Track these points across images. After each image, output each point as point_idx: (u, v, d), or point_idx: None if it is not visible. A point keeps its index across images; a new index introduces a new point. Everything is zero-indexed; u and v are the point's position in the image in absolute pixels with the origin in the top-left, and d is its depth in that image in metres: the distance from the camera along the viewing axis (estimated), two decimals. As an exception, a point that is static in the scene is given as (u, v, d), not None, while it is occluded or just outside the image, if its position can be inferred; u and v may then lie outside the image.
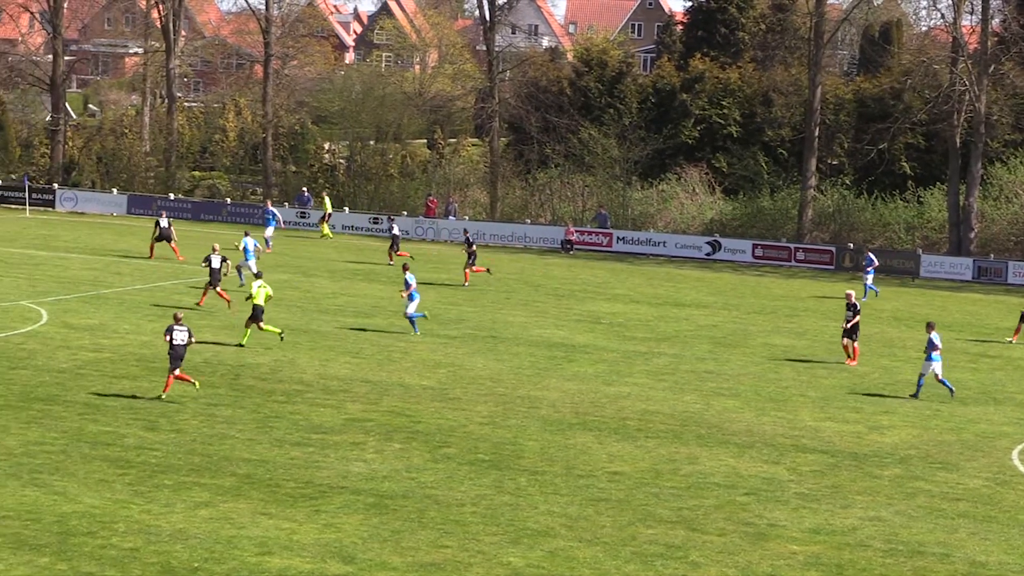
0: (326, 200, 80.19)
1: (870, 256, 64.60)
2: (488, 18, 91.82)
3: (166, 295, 53.51)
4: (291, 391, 38.56)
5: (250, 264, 56.35)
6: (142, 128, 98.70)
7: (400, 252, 67.16)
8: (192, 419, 34.80)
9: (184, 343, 36.48)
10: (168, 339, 36.35)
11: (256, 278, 46.01)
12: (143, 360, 40.68)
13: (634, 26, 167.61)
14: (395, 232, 69.19)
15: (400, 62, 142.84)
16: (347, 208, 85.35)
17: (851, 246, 73.57)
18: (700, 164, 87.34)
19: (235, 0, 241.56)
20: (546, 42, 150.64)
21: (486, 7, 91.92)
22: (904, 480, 32.27)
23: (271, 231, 70.87)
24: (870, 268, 63.97)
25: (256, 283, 45.29)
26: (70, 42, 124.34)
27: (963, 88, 78.18)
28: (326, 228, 78.73)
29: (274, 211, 73.15)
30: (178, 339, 36.32)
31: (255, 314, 44.60)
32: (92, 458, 30.84)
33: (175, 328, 36.48)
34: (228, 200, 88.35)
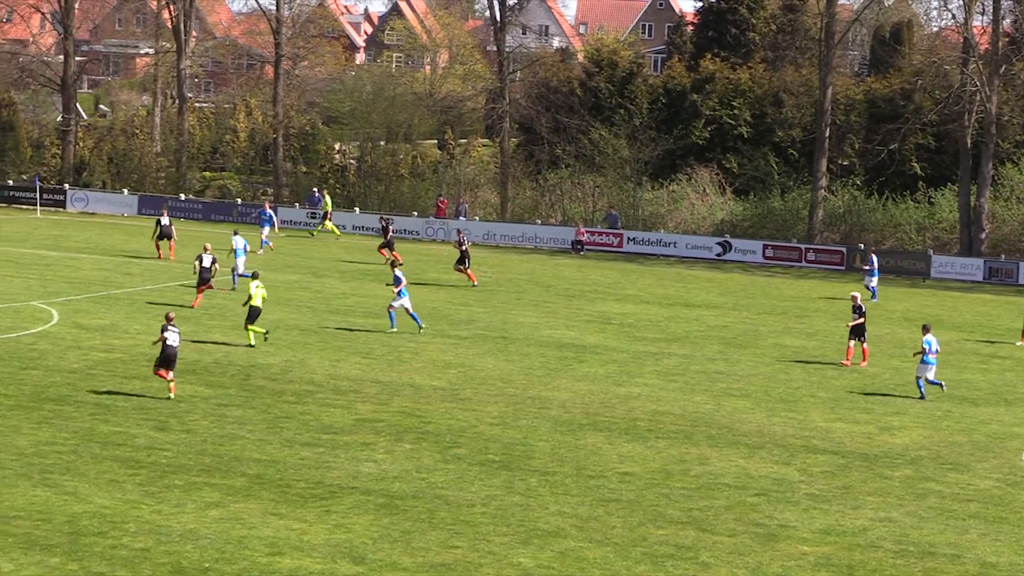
0: (326, 198, 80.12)
1: (872, 258, 64.34)
2: (499, 19, 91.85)
3: (177, 295, 53.56)
4: (301, 391, 38.59)
5: (239, 263, 56.42)
6: (153, 129, 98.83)
7: (384, 251, 67.24)
8: (203, 419, 34.84)
9: (177, 344, 36.76)
10: (162, 339, 36.57)
11: (253, 279, 45.76)
12: (154, 360, 40.69)
13: (645, 27, 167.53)
14: (389, 234, 69.17)
15: (411, 63, 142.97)
16: (357, 208, 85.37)
17: (862, 246, 73.38)
18: (710, 165, 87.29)
19: (246, 1, 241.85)
20: (557, 43, 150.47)
21: (497, 8, 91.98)
22: (915, 481, 32.23)
23: (265, 231, 70.60)
24: (872, 270, 63.70)
25: (253, 284, 45.12)
26: (81, 43, 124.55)
27: (974, 89, 78.10)
28: (331, 226, 78.71)
29: (271, 212, 73.03)
30: (171, 340, 36.54)
31: (252, 315, 44.57)
32: (103, 458, 30.88)
33: (168, 328, 36.66)
34: (239, 200, 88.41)
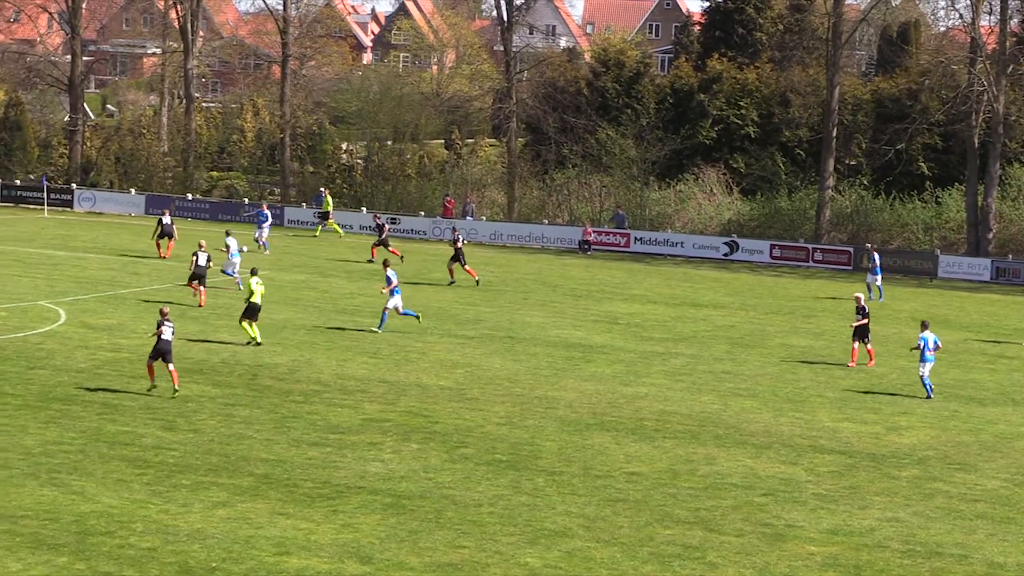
0: (327, 197, 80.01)
1: (875, 256, 64.23)
2: (506, 18, 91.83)
3: (184, 294, 53.57)
4: (309, 391, 38.61)
5: (235, 262, 56.51)
6: (160, 128, 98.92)
7: (375, 249, 67.19)
8: (210, 419, 34.87)
9: (170, 338, 36.99)
10: (157, 333, 36.81)
11: (252, 275, 45.76)
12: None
13: (651, 26, 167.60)
14: (384, 232, 69.15)
15: (417, 62, 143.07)
16: (364, 208, 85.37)
17: (868, 246, 73.38)
18: (718, 164, 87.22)
19: (253, 1, 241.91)
20: (564, 42, 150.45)
21: (504, 7, 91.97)
22: (922, 481, 32.21)
23: (265, 232, 70.46)
24: (874, 268, 63.61)
25: (253, 280, 45.15)
26: (88, 42, 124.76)
27: (981, 88, 78.00)
28: (334, 225, 78.71)
29: (267, 213, 72.96)
30: (165, 333, 36.81)
31: (252, 311, 44.56)
32: (110, 458, 30.91)
33: (163, 323, 36.86)
34: (246, 200, 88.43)
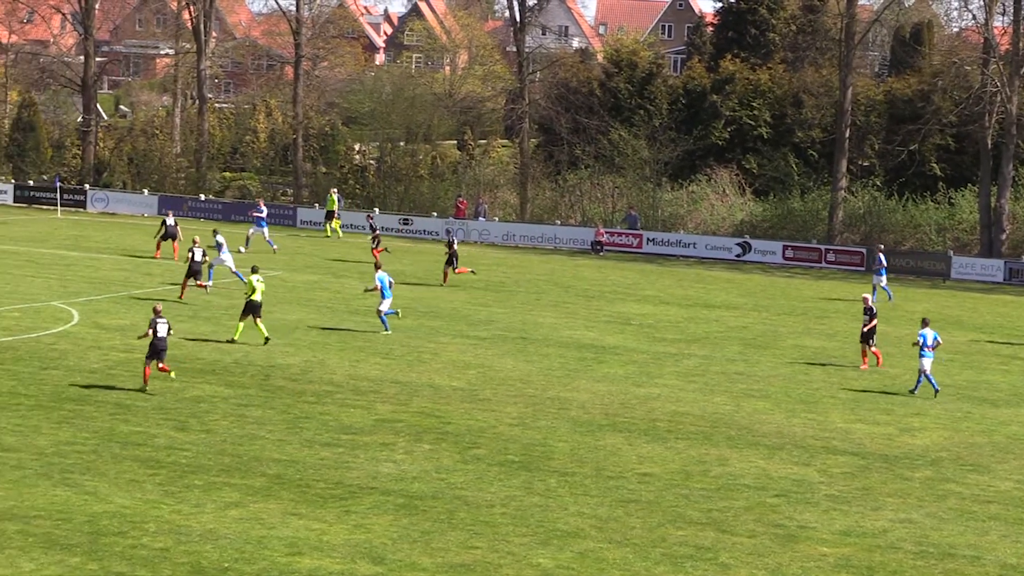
0: (332, 197, 79.80)
1: (880, 256, 64.07)
2: (518, 19, 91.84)
3: (195, 295, 53.62)
4: (321, 392, 38.62)
5: (225, 260, 56.55)
6: (173, 129, 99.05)
7: (377, 250, 67.37)
8: (222, 419, 34.89)
9: (166, 335, 37.16)
10: (151, 332, 36.94)
11: (252, 272, 45.72)
12: (174, 360, 40.65)
13: (664, 27, 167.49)
14: (376, 231, 69.17)
15: (430, 63, 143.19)
16: (377, 209, 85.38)
17: (881, 247, 73.29)
18: (730, 165, 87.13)
19: (266, 1, 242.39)
20: (576, 43, 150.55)
21: (516, 8, 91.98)
22: (935, 482, 32.16)
23: (265, 231, 70.39)
24: (880, 268, 63.48)
25: (254, 277, 45.14)
26: (101, 43, 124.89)
27: (994, 89, 77.87)
28: (336, 225, 78.70)
29: (264, 209, 72.65)
30: (161, 331, 36.96)
31: (253, 308, 44.53)
32: (123, 458, 30.95)
33: (157, 321, 37.00)
34: (259, 201, 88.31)
